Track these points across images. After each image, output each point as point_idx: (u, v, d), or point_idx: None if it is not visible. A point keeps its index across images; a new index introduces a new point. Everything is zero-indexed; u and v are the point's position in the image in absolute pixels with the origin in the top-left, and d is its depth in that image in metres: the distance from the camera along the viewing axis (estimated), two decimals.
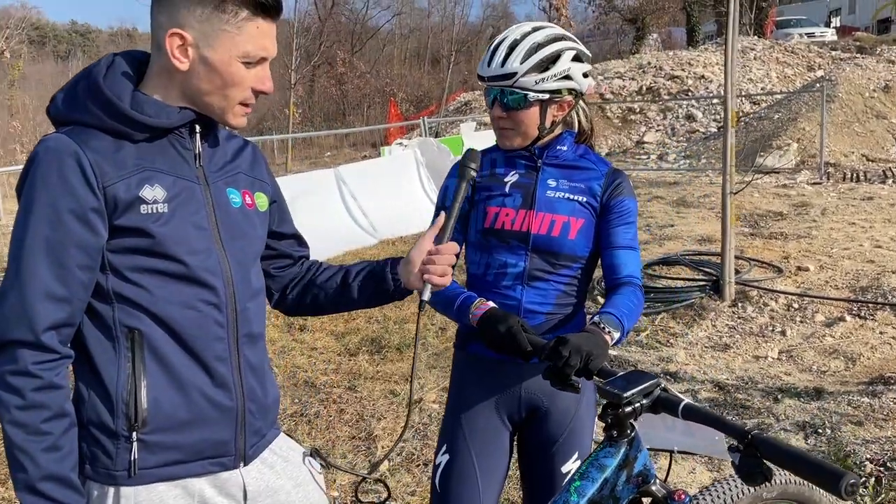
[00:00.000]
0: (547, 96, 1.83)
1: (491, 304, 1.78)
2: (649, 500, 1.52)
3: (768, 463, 1.20)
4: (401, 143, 9.99)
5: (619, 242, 1.87)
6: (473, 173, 1.70)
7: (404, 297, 1.65)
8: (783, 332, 4.89)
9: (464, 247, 1.97)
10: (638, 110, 18.76)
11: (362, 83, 26.06)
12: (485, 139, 11.60)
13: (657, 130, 18.06)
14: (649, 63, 20.68)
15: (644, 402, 1.40)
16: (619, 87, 19.76)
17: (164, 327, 1.37)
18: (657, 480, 1.46)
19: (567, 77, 1.84)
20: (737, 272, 5.86)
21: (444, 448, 1.93)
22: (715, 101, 16.70)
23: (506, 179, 1.92)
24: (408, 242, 7.92)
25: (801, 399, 3.90)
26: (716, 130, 15.75)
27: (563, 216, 1.87)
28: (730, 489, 1.65)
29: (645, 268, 6.35)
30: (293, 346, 5.19)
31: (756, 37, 22.73)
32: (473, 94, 24.18)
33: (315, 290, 1.67)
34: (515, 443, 2.01)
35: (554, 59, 1.81)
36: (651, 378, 1.42)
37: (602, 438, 1.46)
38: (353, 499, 2.99)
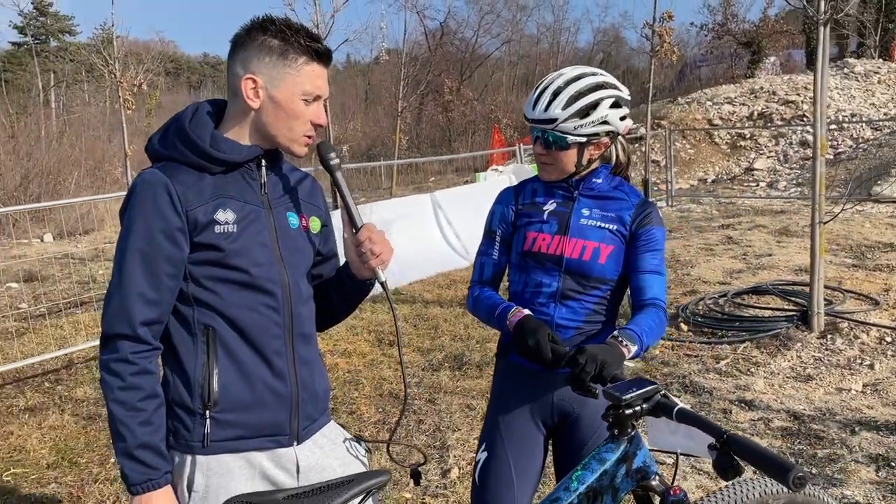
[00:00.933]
0: (585, 139, 2.02)
1: (526, 311, 1.99)
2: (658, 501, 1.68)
3: (738, 459, 1.35)
4: (496, 169, 10.27)
5: (645, 267, 2.03)
6: (334, 160, 1.78)
7: (369, 286, 1.86)
8: (871, 366, 4.76)
9: (508, 267, 2.21)
10: (748, 136, 18.25)
11: (468, 110, 26.62)
12: None
13: (768, 157, 17.50)
14: (762, 88, 20.08)
15: (645, 405, 1.56)
16: (729, 112, 19.30)
17: (233, 326, 1.66)
18: (657, 477, 1.61)
19: (604, 122, 2.01)
20: (830, 303, 5.73)
21: (483, 447, 2.14)
22: (832, 126, 16.02)
23: (545, 208, 2.13)
24: None
25: (880, 432, 3.83)
26: (832, 157, 15.11)
27: (594, 242, 2.05)
28: (734, 494, 1.77)
29: (734, 296, 6.30)
30: (381, 360, 5.51)
31: (881, 60, 21.62)
32: None
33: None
34: (550, 446, 2.19)
35: (593, 106, 1.99)
36: (652, 385, 1.58)
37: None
38: (388, 459, 3.28)
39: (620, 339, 1.82)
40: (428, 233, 8.50)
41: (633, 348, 1.82)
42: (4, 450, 4.41)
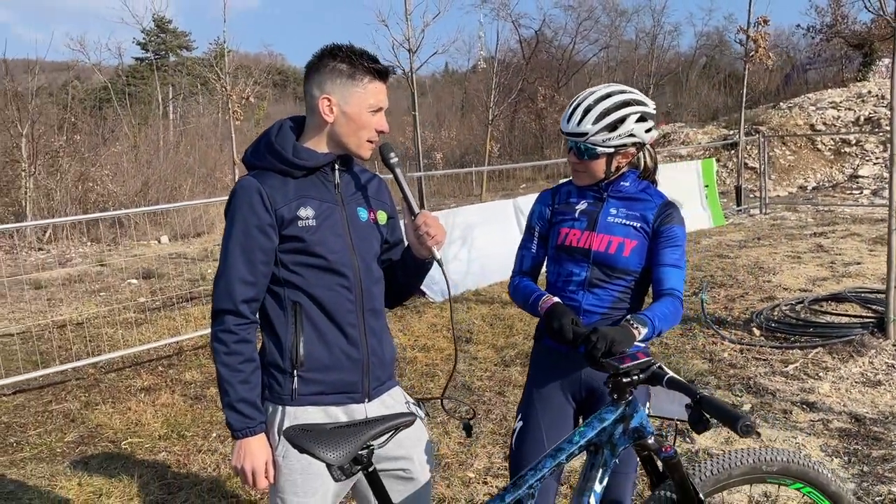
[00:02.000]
0: (613, 150, 2.30)
1: (555, 299, 2.28)
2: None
3: (707, 415, 1.61)
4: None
5: (664, 261, 2.28)
6: (394, 159, 2.12)
7: (428, 265, 2.15)
8: None
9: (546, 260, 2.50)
10: (854, 142, 17.55)
11: (561, 117, 26.69)
12: (661, 174, 11.64)
13: (875, 164, 16.77)
14: (870, 92, 19.24)
15: (641, 375, 1.83)
16: (833, 117, 18.59)
17: (315, 302, 2.03)
18: (653, 437, 1.87)
19: (631, 135, 2.29)
20: None
21: (519, 416, 2.45)
22: None
23: (577, 207, 2.42)
24: None
25: None
26: None
27: (619, 237, 2.32)
28: (731, 458, 1.99)
29: (811, 303, 6.28)
30: (459, 356, 5.86)
31: None
32: (674, 126, 23.84)
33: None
34: (581, 419, 2.47)
35: (621, 121, 2.27)
36: (648, 358, 1.84)
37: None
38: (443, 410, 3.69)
39: (632, 322, 2.08)
40: (510, 237, 8.77)
41: (644, 330, 2.08)
42: (123, 422, 5.03)
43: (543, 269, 2.55)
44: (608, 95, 2.31)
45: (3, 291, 9.69)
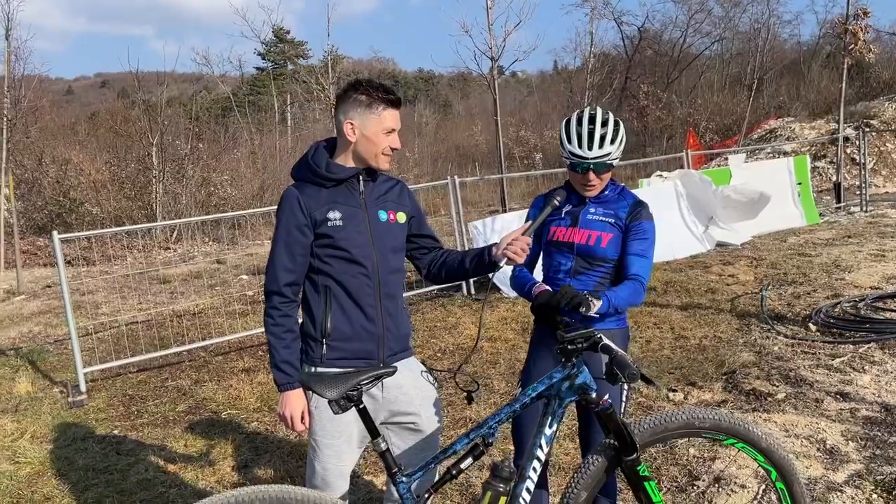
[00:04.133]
0: (616, 160, 2.76)
1: (545, 287, 2.75)
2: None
3: (616, 370, 2.07)
4: (660, 175, 10.55)
5: (630, 251, 2.72)
6: (556, 202, 2.68)
7: (494, 269, 2.63)
8: None
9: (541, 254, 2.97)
10: None
11: (664, 114, 26.33)
12: (752, 171, 11.54)
13: None
14: None
15: (584, 343, 2.28)
16: None
17: (341, 287, 2.58)
18: (596, 393, 2.31)
19: (622, 144, 2.76)
20: None
21: (519, 383, 2.93)
22: None
23: (564, 209, 2.87)
24: (660, 269, 8.56)
25: None
26: None
27: (597, 231, 2.77)
28: (666, 416, 2.38)
29: (873, 300, 6.31)
30: (521, 346, 6.32)
31: None
32: (783, 121, 23.05)
33: (445, 267, 2.78)
34: None
35: (618, 134, 2.75)
36: (591, 330, 2.29)
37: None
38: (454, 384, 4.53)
39: (588, 295, 2.53)
40: None
41: (598, 303, 2.52)
42: (225, 397, 5.84)
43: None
44: (605, 120, 2.75)
45: (133, 285, 10.98)
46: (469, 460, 2.30)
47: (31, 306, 10.70)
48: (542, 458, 2.33)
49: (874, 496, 3.35)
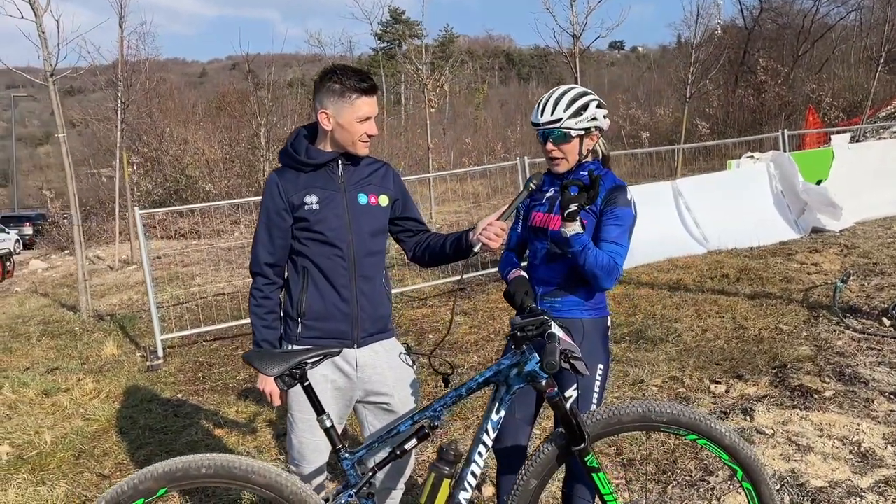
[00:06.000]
0: (583, 132, 2.71)
1: (521, 273, 2.75)
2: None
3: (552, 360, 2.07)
4: (751, 157, 10.00)
5: (604, 237, 2.64)
6: (532, 186, 2.62)
7: (471, 252, 2.63)
8: None
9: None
10: None
11: (784, 90, 24.75)
12: (857, 154, 10.69)
13: None
14: None
15: (534, 331, 2.28)
16: None
17: (317, 268, 2.68)
18: (545, 381, 2.30)
19: (594, 119, 2.70)
20: None
21: None
22: None
23: (546, 194, 2.85)
24: (738, 255, 8.19)
25: None
26: None
27: None
28: (622, 407, 2.33)
29: None
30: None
31: None
32: None
33: (429, 250, 2.83)
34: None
35: (584, 107, 2.69)
36: (542, 317, 2.28)
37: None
38: (430, 369, 4.58)
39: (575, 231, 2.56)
40: (666, 219, 8.82)
41: (577, 228, 2.54)
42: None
43: None
44: (570, 89, 2.73)
45: (232, 259, 11.62)
46: (413, 441, 2.36)
47: (139, 276, 11.58)
48: (489, 443, 2.35)
49: None
